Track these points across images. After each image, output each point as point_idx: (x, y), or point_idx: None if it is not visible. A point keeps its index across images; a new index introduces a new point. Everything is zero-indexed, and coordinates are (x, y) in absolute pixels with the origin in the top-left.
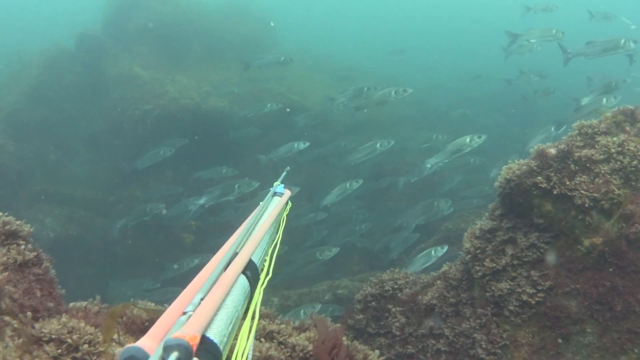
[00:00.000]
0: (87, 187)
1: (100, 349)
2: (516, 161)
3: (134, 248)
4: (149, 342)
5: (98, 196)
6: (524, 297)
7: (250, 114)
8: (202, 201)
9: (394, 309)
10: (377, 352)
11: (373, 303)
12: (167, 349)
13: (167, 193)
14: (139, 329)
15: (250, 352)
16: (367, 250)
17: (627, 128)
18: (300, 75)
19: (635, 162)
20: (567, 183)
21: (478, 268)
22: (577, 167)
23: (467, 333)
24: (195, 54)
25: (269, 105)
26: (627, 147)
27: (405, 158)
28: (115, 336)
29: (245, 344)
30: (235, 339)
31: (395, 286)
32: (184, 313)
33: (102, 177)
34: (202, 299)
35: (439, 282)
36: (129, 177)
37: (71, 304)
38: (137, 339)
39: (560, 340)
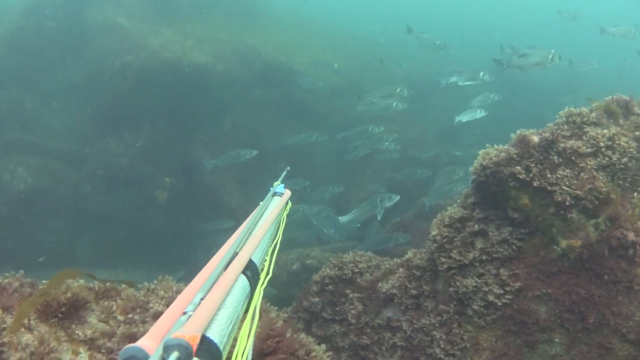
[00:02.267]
0: (62, 138)
1: (4, 338)
2: (495, 146)
3: (105, 203)
4: (149, 342)
5: (73, 148)
6: (490, 297)
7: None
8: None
9: (351, 295)
10: (322, 346)
11: (330, 286)
12: (167, 349)
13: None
14: (54, 313)
15: (251, 352)
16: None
17: (620, 120)
18: (292, 35)
19: (624, 160)
20: (549, 176)
21: (444, 260)
22: (560, 160)
23: (426, 329)
24: (183, 7)
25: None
26: (617, 142)
27: None
28: (26, 321)
29: (245, 344)
30: (235, 339)
31: (356, 270)
32: (184, 313)
33: (78, 128)
34: (202, 299)
35: (401, 270)
36: (105, 129)
37: None
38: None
39: (525, 348)
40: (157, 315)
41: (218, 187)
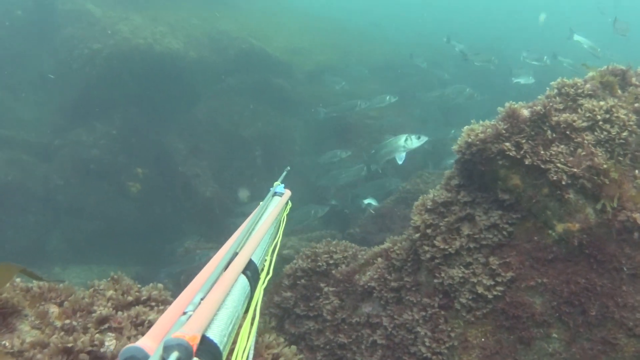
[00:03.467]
0: (32, 130)
1: None
2: (480, 122)
3: (77, 196)
4: (149, 342)
5: (43, 140)
6: (480, 289)
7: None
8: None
9: (326, 289)
10: (293, 348)
11: (303, 280)
12: (167, 349)
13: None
14: None
15: (251, 352)
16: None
17: (618, 92)
18: (269, 21)
19: (625, 134)
20: (542, 153)
21: (427, 248)
22: (554, 135)
23: (409, 326)
24: None
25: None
26: (616, 115)
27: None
28: None
29: (245, 344)
30: (236, 339)
31: (331, 261)
32: (184, 313)
33: (48, 119)
34: (202, 299)
35: (379, 260)
36: (75, 120)
37: None
38: None
39: (519, 345)
40: (101, 321)
41: (192, 176)
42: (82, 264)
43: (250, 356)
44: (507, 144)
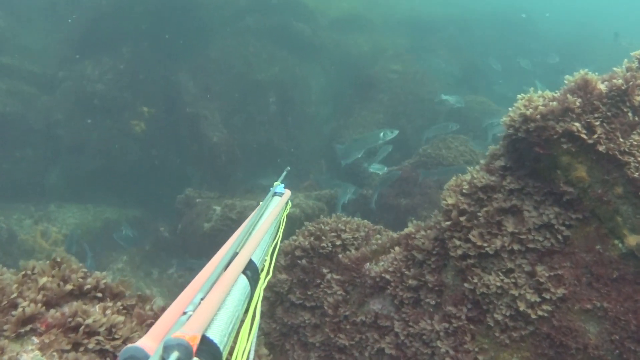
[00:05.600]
0: (37, 61)
1: None
2: (540, 91)
3: (78, 132)
4: (149, 342)
5: (47, 71)
6: (521, 305)
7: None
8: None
9: (329, 276)
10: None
11: (303, 261)
12: (167, 349)
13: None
14: None
15: (252, 352)
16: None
17: None
18: None
19: None
20: (619, 141)
21: (458, 243)
22: (637, 118)
23: (427, 338)
24: None
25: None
26: None
27: None
28: None
29: (245, 344)
30: (236, 338)
31: (338, 242)
32: (184, 313)
33: (54, 49)
34: (202, 299)
35: (397, 249)
36: (82, 51)
37: None
38: None
39: None
40: (23, 322)
41: (200, 118)
42: (79, 203)
43: (252, 356)
44: (577, 124)
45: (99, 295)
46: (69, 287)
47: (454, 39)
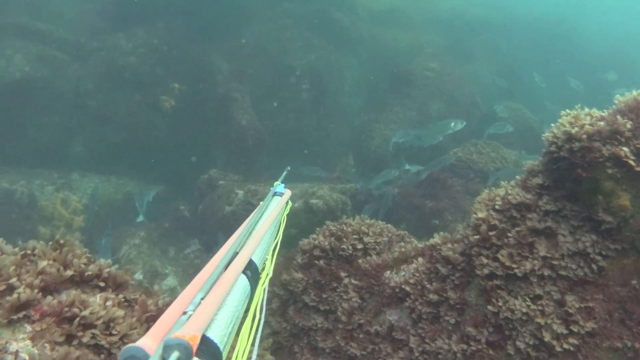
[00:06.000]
0: (70, 28)
1: None
2: (586, 109)
3: (106, 103)
4: (149, 342)
5: (80, 39)
6: (546, 336)
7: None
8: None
9: (347, 280)
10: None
11: (321, 262)
12: (168, 349)
13: None
14: None
15: (255, 352)
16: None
17: None
18: None
19: None
20: None
21: (486, 261)
22: None
23: (442, 357)
24: None
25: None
26: None
27: None
28: None
29: (245, 344)
30: (236, 339)
31: (359, 245)
32: (184, 313)
33: (88, 19)
34: (202, 299)
35: (421, 260)
36: (117, 23)
37: None
38: None
39: None
40: (16, 308)
41: (230, 100)
42: (101, 174)
43: (254, 356)
44: (625, 148)
45: (102, 284)
46: (69, 272)
47: (493, 42)
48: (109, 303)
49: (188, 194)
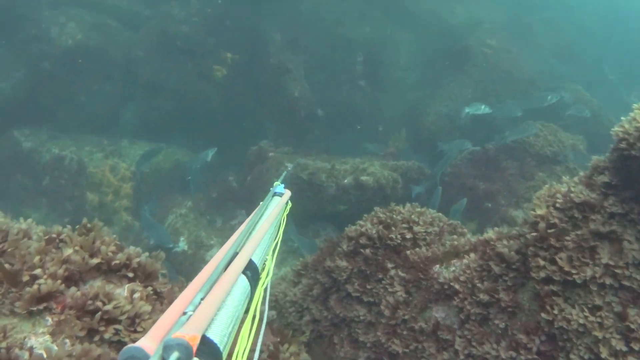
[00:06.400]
0: None
1: None
2: None
3: (158, 71)
4: (149, 342)
5: (133, 7)
6: (603, 351)
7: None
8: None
9: (393, 272)
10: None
11: (367, 250)
12: (168, 349)
13: None
14: None
15: (257, 353)
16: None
17: None
18: None
19: None
20: None
21: (542, 263)
22: None
23: None
24: None
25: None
26: None
27: None
28: None
29: (245, 344)
30: (236, 339)
31: (408, 235)
32: (184, 313)
33: None
34: (202, 299)
35: (472, 256)
36: None
37: None
38: None
39: None
40: (37, 300)
41: (283, 71)
42: (152, 141)
43: (256, 357)
44: None
45: (130, 275)
46: (94, 261)
47: (555, 21)
48: (136, 295)
49: (237, 164)
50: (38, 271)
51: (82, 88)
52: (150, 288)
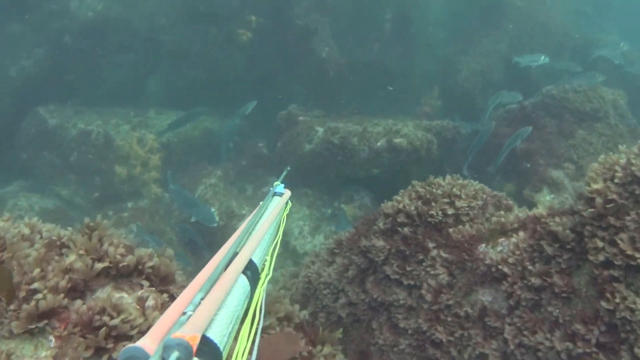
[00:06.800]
0: None
1: None
2: None
3: (182, 39)
4: (149, 342)
5: None
6: None
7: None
8: None
9: (434, 252)
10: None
11: (406, 229)
12: (168, 349)
13: None
14: None
15: (255, 353)
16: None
17: None
18: None
19: None
20: None
21: (601, 244)
22: None
23: (542, 356)
24: None
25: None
26: None
27: None
28: None
29: (245, 344)
30: (236, 339)
31: (450, 211)
32: (184, 313)
33: None
34: (202, 299)
35: (522, 234)
36: None
37: None
38: None
39: None
40: (38, 317)
41: (310, 32)
42: (179, 109)
43: (254, 357)
44: None
45: (144, 283)
46: (99, 266)
47: None
48: (149, 304)
49: (266, 130)
50: (37, 285)
51: (105, 60)
52: (166, 295)
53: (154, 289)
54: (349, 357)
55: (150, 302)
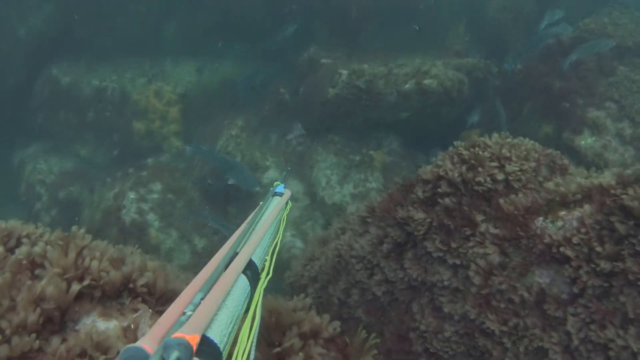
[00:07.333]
0: None
1: None
2: None
3: None
4: (150, 342)
5: None
6: None
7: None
8: None
9: (484, 227)
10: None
11: (447, 199)
12: (168, 349)
13: None
14: None
15: (253, 353)
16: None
17: None
18: None
19: None
20: None
21: None
22: None
23: (614, 355)
24: None
25: None
26: None
27: None
28: None
29: (245, 344)
30: (236, 339)
31: (500, 176)
32: (184, 313)
33: None
34: (202, 299)
35: (587, 208)
36: None
37: None
38: None
39: None
40: None
41: None
42: (196, 56)
43: (252, 356)
44: None
45: (136, 305)
46: (75, 288)
47: None
48: (143, 332)
49: (288, 75)
50: (2, 323)
51: (117, 10)
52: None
53: (150, 311)
54: (387, 340)
55: (143, 330)
